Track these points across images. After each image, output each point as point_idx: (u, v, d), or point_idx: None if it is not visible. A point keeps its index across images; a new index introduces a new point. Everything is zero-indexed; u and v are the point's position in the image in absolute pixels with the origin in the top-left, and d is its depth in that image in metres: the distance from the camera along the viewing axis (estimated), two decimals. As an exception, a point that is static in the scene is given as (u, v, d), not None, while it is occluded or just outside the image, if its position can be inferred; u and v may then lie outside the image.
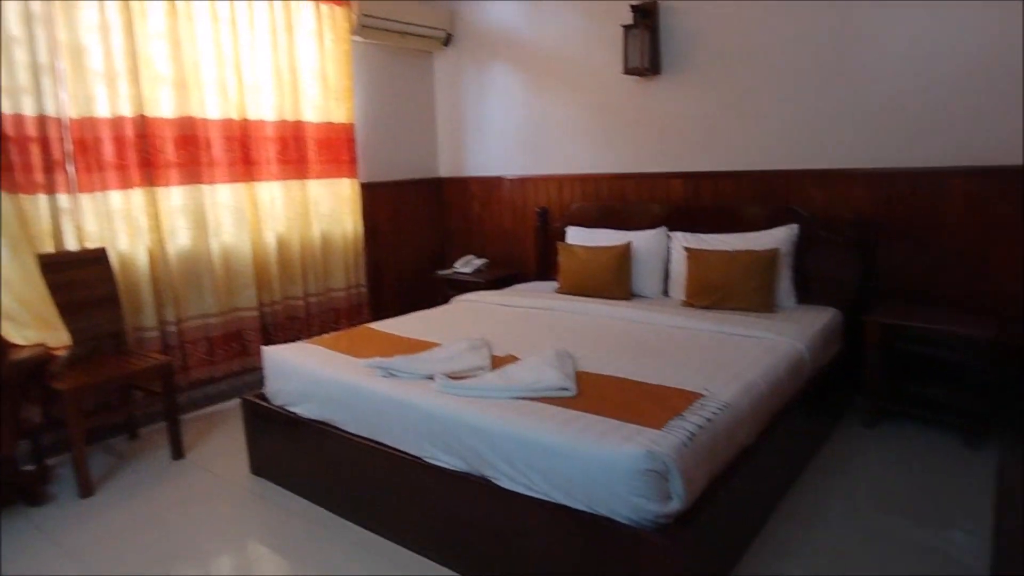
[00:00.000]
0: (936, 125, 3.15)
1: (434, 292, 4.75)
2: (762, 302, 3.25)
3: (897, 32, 3.18)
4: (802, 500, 2.54)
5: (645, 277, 3.76)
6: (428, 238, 5.09)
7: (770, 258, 3.26)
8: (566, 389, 2.21)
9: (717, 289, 3.34)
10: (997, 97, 2.99)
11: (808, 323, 3.02)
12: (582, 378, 2.34)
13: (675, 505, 1.77)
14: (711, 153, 3.83)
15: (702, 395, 2.17)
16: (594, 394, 2.20)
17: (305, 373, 2.64)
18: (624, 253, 3.72)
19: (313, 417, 2.60)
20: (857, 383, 3.25)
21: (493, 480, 2.04)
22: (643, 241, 3.78)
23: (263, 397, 2.87)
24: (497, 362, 2.56)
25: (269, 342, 3.89)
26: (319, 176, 4.14)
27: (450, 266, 4.95)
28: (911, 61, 3.16)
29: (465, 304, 3.79)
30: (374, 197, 4.61)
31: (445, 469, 2.15)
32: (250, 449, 2.93)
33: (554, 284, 4.11)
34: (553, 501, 1.91)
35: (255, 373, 3.90)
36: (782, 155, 3.59)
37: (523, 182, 4.69)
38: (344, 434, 2.47)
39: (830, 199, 3.48)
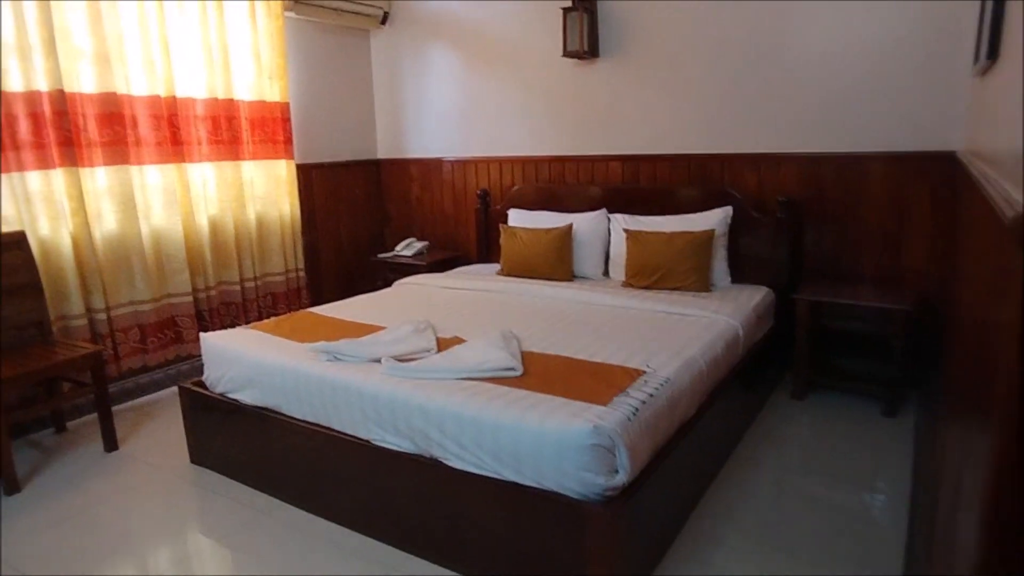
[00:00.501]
0: (859, 114, 3.30)
1: (374, 276, 4.69)
2: (699, 282, 3.36)
3: (824, 26, 3.31)
4: (738, 469, 2.66)
5: (586, 259, 3.82)
6: (366, 221, 5.01)
7: (706, 239, 3.37)
8: (512, 369, 2.24)
9: (656, 270, 3.43)
10: (910, 89, 3.16)
11: (742, 302, 3.15)
12: (527, 358, 2.38)
13: (621, 478, 1.83)
14: (649, 137, 3.91)
15: (644, 372, 2.24)
16: (540, 373, 2.24)
17: (247, 359, 2.58)
18: (566, 235, 3.77)
19: (256, 404, 2.55)
20: (787, 358, 3.41)
21: (443, 460, 2.06)
22: (584, 223, 3.83)
23: (202, 385, 2.80)
24: (443, 344, 2.57)
25: (204, 329, 3.77)
26: (253, 157, 4.02)
27: (390, 249, 4.90)
28: (837, 54, 3.31)
29: (408, 287, 3.76)
30: (310, 179, 4.51)
31: (394, 451, 2.16)
32: (189, 438, 2.84)
33: (496, 267, 4.13)
34: (503, 478, 1.94)
35: (190, 362, 3.79)
36: (717, 139, 3.70)
37: (463, 164, 4.67)
38: (289, 420, 2.43)
39: (762, 182, 3.62)
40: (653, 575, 2.03)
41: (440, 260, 4.50)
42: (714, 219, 3.48)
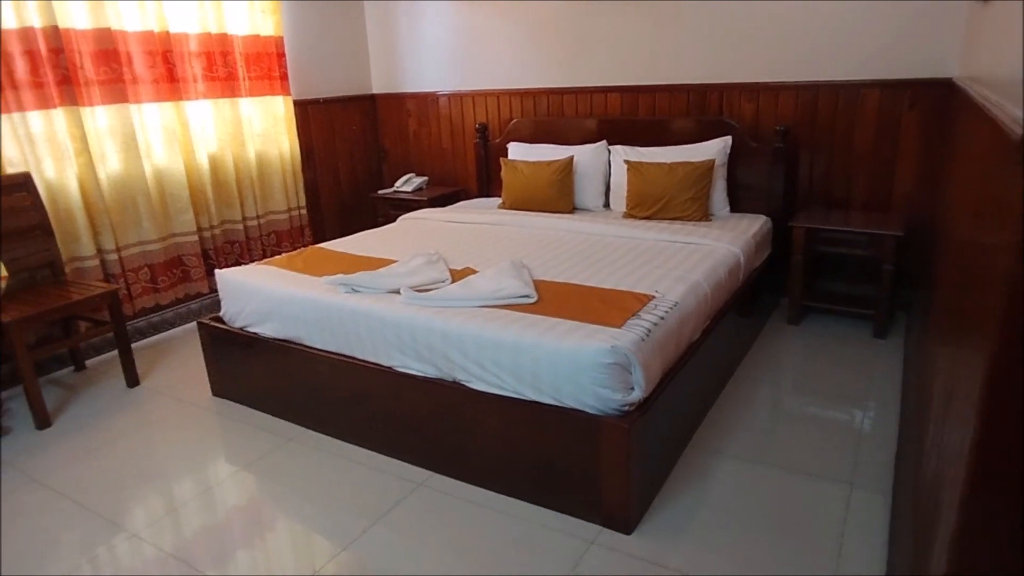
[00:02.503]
0: (856, 41, 3.32)
1: (375, 213, 4.73)
2: (699, 211, 3.44)
3: (825, -55, 3.30)
4: (739, 388, 2.81)
5: (587, 190, 3.88)
6: (364, 158, 5.00)
7: (706, 169, 3.43)
8: (527, 296, 2.34)
9: (657, 200, 3.50)
10: (907, 16, 3.18)
11: (742, 230, 3.24)
12: (539, 286, 2.47)
13: (636, 394, 1.96)
14: (647, 67, 3.91)
15: (653, 296, 2.35)
16: (553, 299, 2.33)
17: (266, 294, 2.65)
18: (567, 167, 3.82)
19: (277, 336, 2.64)
20: (782, 284, 3.53)
21: (464, 383, 2.17)
22: (584, 155, 3.87)
23: (220, 320, 2.88)
24: (456, 275, 2.65)
25: (210, 268, 3.82)
26: (250, 94, 3.98)
27: (389, 186, 4.92)
28: (837, -26, 3.31)
29: (412, 222, 3.82)
30: (307, 115, 4.47)
31: (417, 376, 2.27)
32: (210, 372, 2.94)
33: (497, 200, 4.19)
34: (522, 397, 2.06)
35: (199, 300, 3.87)
36: (715, 69, 3.71)
37: (460, 98, 4.64)
38: (311, 350, 2.53)
39: (759, 112, 3.66)
40: (663, 483, 2.19)
41: (440, 195, 4.53)
42: (713, 149, 3.53)
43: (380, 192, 4.70)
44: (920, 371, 2.58)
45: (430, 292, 2.42)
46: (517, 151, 4.15)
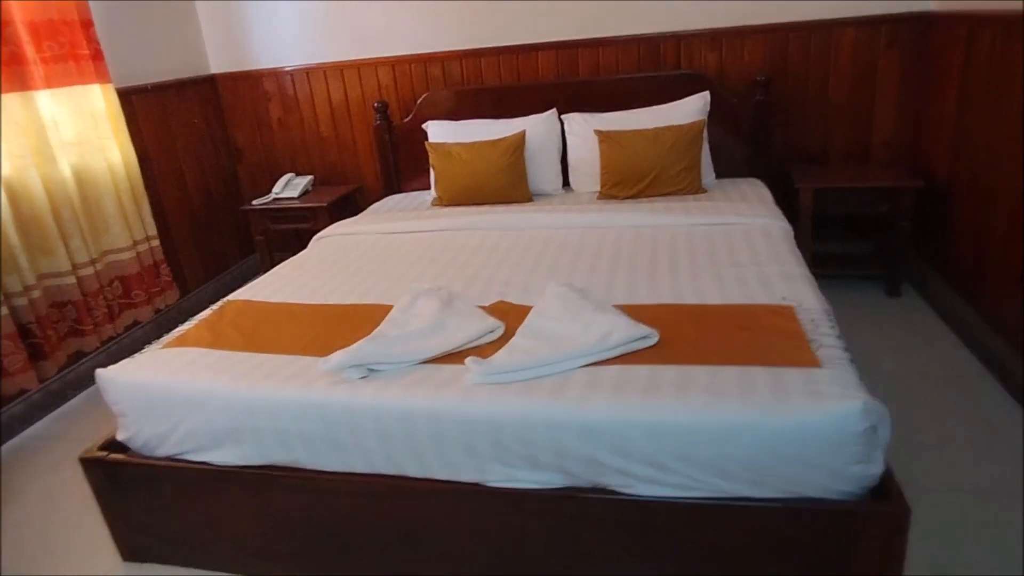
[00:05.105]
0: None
1: (248, 231, 3.61)
2: (693, 183, 2.94)
3: None
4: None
5: (540, 171, 3.18)
6: (214, 161, 3.76)
7: (696, 132, 2.92)
8: (646, 337, 1.64)
9: (644, 175, 2.92)
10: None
11: (757, 199, 2.79)
12: (631, 314, 1.78)
13: (879, 461, 1.38)
14: (585, 17, 3.25)
15: (792, 307, 1.78)
16: (680, 336, 1.67)
17: (221, 403, 1.64)
18: (518, 145, 3.08)
19: (247, 463, 1.66)
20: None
21: (620, 489, 1.45)
22: (534, 128, 3.15)
23: (119, 446, 1.80)
24: (505, 319, 1.85)
25: (34, 349, 2.56)
26: (49, 84, 2.67)
27: (251, 193, 3.80)
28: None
29: (336, 242, 2.83)
30: (133, 109, 3.19)
31: (534, 491, 1.49)
32: (114, 528, 1.85)
33: (422, 196, 3.37)
34: (726, 496, 1.39)
35: (24, 400, 2.61)
36: (668, 14, 3.18)
37: (340, 71, 3.63)
38: (322, 477, 1.61)
39: (723, 62, 3.22)
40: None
41: (339, 198, 3.53)
42: (696, 107, 3.01)
43: (255, 203, 3.55)
44: (981, 322, 2.31)
45: (500, 358, 1.60)
46: (440, 131, 3.30)
